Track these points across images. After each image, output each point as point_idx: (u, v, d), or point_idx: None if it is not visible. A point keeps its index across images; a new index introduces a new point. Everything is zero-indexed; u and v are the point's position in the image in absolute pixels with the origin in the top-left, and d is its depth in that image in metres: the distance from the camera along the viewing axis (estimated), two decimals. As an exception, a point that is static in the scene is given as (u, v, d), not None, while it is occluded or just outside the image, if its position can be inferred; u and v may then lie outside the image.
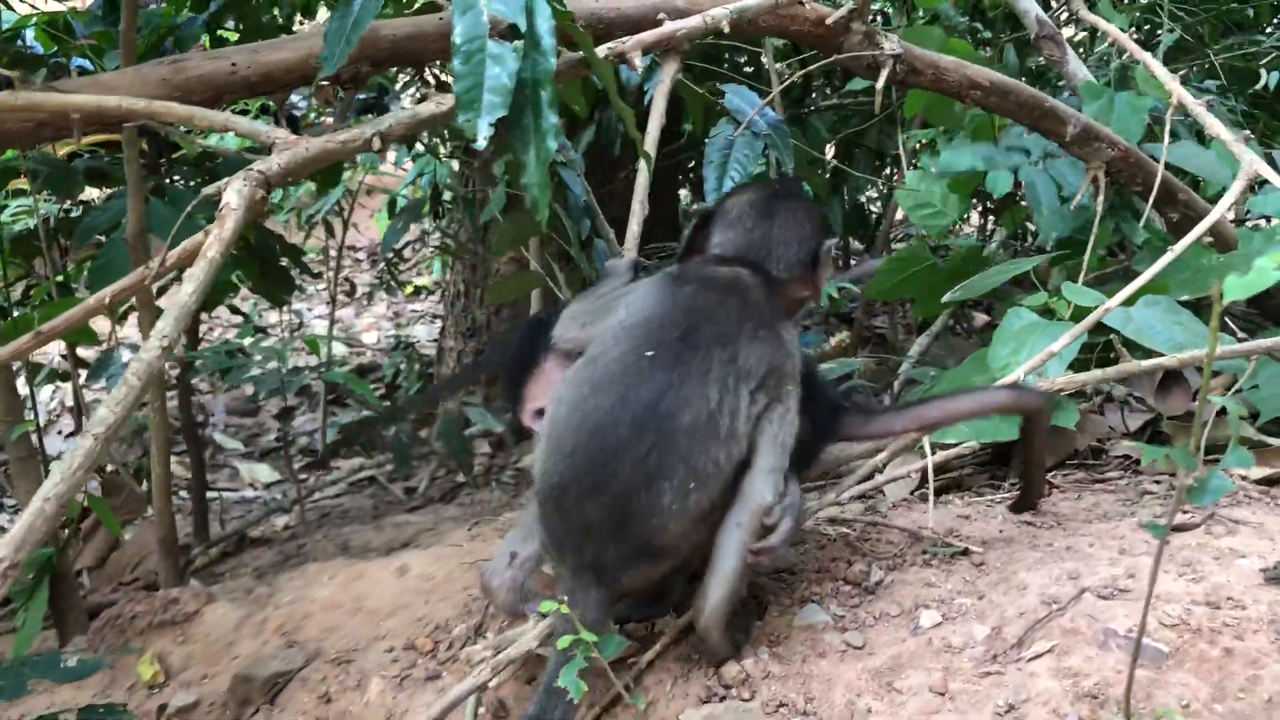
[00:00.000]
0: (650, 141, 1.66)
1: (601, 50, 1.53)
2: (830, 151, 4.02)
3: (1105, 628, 1.37)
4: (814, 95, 4.01)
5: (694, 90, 2.01)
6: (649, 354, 1.35)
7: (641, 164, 1.65)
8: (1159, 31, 3.94)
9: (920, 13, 3.58)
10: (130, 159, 2.01)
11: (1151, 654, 1.33)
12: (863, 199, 4.37)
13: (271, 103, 3.18)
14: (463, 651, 1.61)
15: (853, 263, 4.67)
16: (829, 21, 1.77)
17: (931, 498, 1.62)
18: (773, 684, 1.43)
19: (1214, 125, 1.76)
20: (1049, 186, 2.18)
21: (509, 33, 1.33)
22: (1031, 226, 3.20)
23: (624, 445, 1.32)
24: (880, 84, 1.82)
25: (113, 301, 1.37)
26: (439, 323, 4.93)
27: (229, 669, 1.87)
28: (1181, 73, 1.98)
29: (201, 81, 1.61)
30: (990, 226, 3.57)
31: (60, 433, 4.94)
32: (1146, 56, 1.98)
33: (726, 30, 1.62)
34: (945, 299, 2.24)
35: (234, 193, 1.21)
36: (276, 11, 2.90)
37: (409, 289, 6.34)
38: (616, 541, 1.29)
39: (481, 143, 1.28)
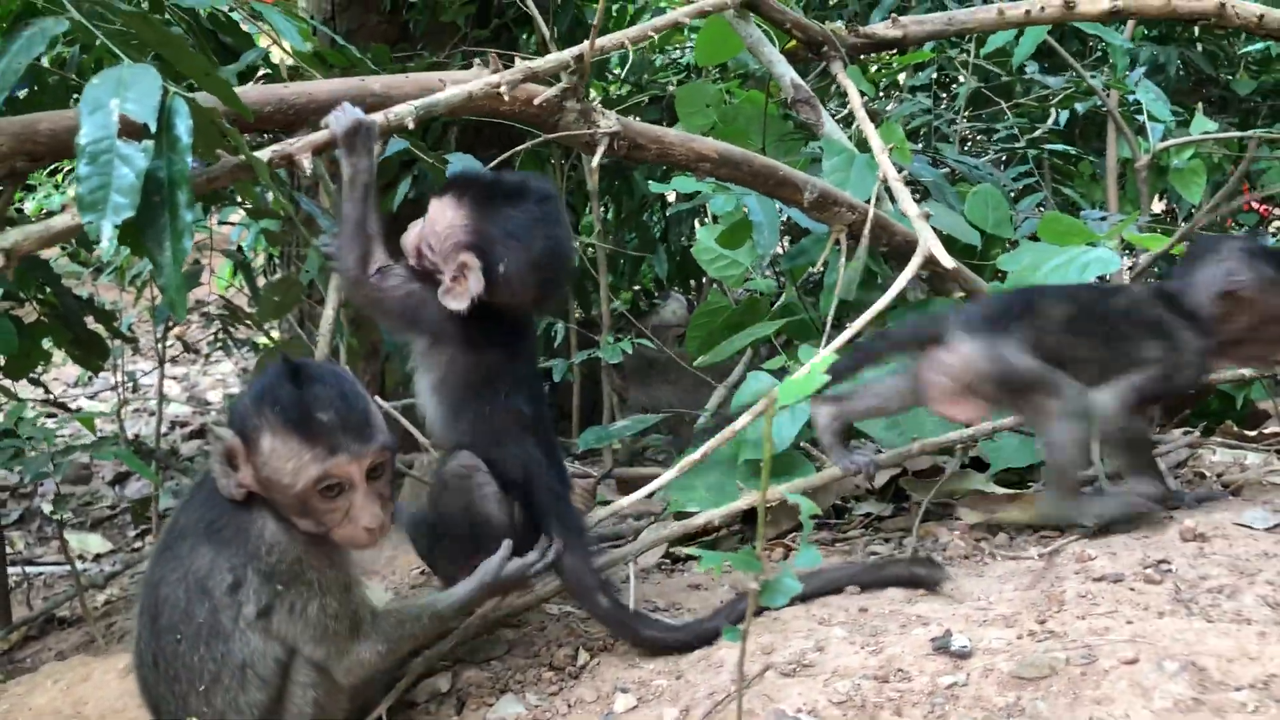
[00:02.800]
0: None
1: (266, 153, 1.50)
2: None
3: (777, 709, 1.38)
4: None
5: (432, 163, 2.00)
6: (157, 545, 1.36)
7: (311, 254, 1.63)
8: (956, 82, 4.15)
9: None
10: None
11: (814, 735, 1.34)
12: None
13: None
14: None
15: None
16: (538, 102, 1.77)
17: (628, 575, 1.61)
18: (453, 784, 1.40)
19: (906, 203, 1.82)
20: (769, 207, 2.22)
21: (142, 133, 1.30)
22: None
23: (150, 662, 1.33)
24: (596, 161, 1.83)
25: None
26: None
27: (-72, 793, 1.75)
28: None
29: None
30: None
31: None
32: (870, 129, 2.05)
33: (411, 126, 1.60)
34: (696, 362, 2.26)
35: None
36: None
37: (258, 345, 6.16)
38: None
39: (105, 244, 1.24)
